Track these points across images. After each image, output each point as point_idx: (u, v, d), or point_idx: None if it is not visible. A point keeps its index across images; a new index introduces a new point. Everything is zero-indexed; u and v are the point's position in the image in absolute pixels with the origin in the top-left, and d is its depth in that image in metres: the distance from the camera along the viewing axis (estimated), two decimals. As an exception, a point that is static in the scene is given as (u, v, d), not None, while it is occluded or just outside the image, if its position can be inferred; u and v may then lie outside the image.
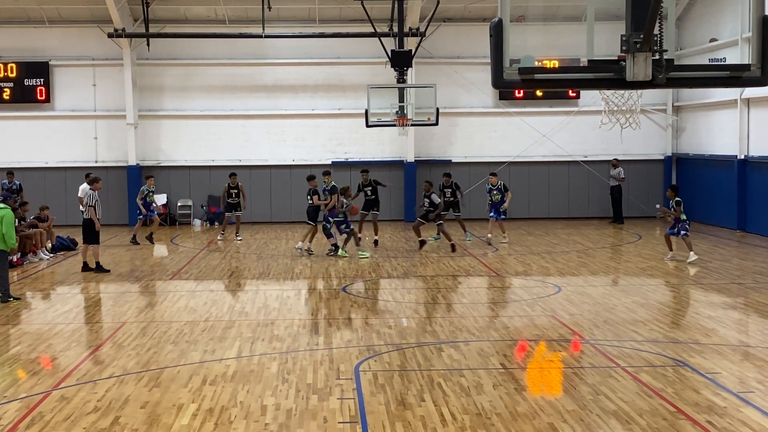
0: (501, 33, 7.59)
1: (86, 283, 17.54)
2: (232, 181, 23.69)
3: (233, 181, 23.69)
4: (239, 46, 28.03)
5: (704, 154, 27.09)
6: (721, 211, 25.55)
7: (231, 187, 23.66)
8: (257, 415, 8.87)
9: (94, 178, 19.22)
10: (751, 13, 7.93)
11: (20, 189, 25.03)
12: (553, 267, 18.72)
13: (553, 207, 28.77)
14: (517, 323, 13.30)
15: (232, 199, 23.65)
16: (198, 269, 19.12)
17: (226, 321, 13.54)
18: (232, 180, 23.71)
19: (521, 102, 28.63)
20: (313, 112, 28.61)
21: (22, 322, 13.95)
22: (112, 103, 28.14)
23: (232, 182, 23.67)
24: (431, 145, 28.71)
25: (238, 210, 23.77)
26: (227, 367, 10.78)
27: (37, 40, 27.92)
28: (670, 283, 16.77)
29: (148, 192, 23.56)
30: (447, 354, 11.31)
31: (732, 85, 8.99)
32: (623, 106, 12.04)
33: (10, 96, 27.63)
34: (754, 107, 24.12)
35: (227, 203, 23.71)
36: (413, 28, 26.51)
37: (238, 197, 23.70)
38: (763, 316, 13.67)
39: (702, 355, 11.07)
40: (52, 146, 28.06)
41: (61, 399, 9.48)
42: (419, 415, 8.81)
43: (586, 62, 8.22)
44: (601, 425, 8.48)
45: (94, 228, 18.32)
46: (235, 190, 23.67)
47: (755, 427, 8.36)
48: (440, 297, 15.57)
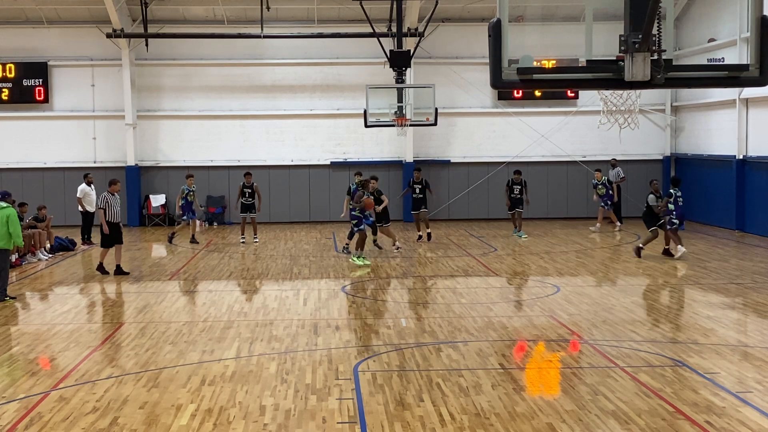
0: (500, 33, 7.60)
1: (85, 283, 17.54)
2: (247, 180, 22.92)
3: (248, 180, 22.92)
4: (238, 47, 28.04)
5: (703, 154, 27.10)
6: (720, 211, 25.57)
7: (246, 186, 22.92)
8: (256, 416, 8.87)
9: (112, 179, 18.96)
10: (749, 14, 7.94)
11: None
12: (552, 267, 18.72)
13: (551, 207, 28.77)
14: (515, 323, 13.31)
15: (246, 199, 22.92)
16: (197, 269, 19.12)
17: (224, 321, 13.54)
18: (247, 179, 22.93)
19: (520, 102, 28.65)
20: (312, 112, 28.61)
21: (20, 323, 13.94)
22: (111, 104, 28.14)
23: (247, 181, 22.90)
24: (430, 146, 28.72)
25: (253, 211, 23.04)
26: (226, 367, 10.77)
27: (36, 40, 27.91)
28: (668, 283, 16.78)
29: (188, 191, 23.11)
30: (446, 354, 11.31)
31: (730, 85, 9.01)
32: (622, 106, 12.01)
33: (9, 96, 27.63)
34: (753, 107, 24.13)
35: (242, 204, 23.05)
36: (412, 29, 26.52)
37: (253, 198, 22.93)
38: (762, 316, 13.68)
39: (701, 355, 11.07)
40: (50, 146, 28.05)
41: (59, 399, 9.48)
42: (418, 415, 8.81)
43: (585, 62, 8.23)
44: (600, 425, 8.48)
45: (103, 231, 18.03)
46: (250, 189, 22.90)
47: (754, 426, 8.37)
48: (439, 297, 15.56)
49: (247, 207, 23.04)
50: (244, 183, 23.07)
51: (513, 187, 23.84)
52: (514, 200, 23.88)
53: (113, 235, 18.11)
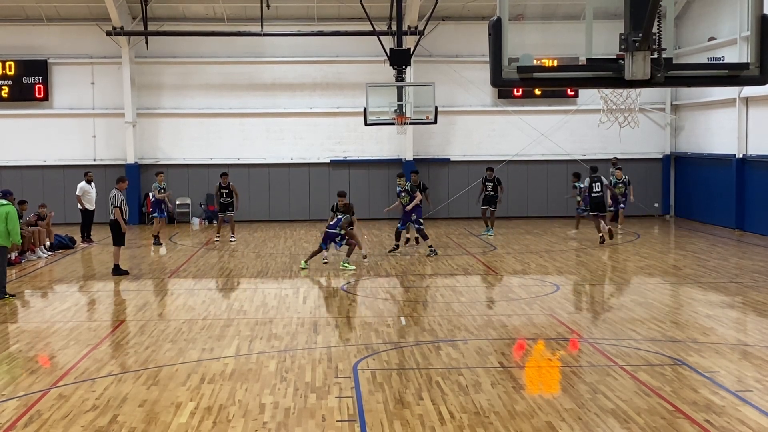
0: (500, 31, 7.58)
1: (84, 281, 17.53)
2: (223, 180, 23.22)
3: (224, 180, 23.22)
4: (238, 45, 28.03)
5: (703, 152, 27.10)
6: (720, 210, 25.56)
7: (222, 187, 23.22)
8: (255, 414, 8.87)
9: (120, 177, 18.94)
10: (749, 12, 7.93)
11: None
12: (552, 266, 18.72)
13: (551, 206, 28.75)
14: (515, 322, 13.31)
15: (224, 199, 23.20)
16: (196, 267, 19.11)
17: (224, 319, 13.54)
18: (223, 180, 23.25)
19: (520, 101, 28.64)
20: (312, 110, 28.60)
21: (20, 320, 13.94)
22: (111, 102, 28.13)
23: (223, 182, 23.21)
24: (430, 144, 28.71)
25: (230, 210, 23.26)
26: (225, 365, 10.77)
27: (36, 38, 27.90)
28: (668, 282, 16.78)
29: (159, 188, 23.30)
30: (445, 353, 11.31)
31: (730, 84, 9.02)
32: (622, 104, 11.99)
33: (9, 94, 27.62)
34: (753, 106, 24.12)
35: (220, 203, 23.34)
36: (412, 27, 26.51)
37: (230, 197, 23.17)
38: (762, 314, 13.68)
39: (700, 353, 11.07)
40: (50, 144, 28.04)
41: (59, 397, 9.47)
42: (417, 413, 8.81)
43: (585, 61, 8.22)
44: (599, 424, 8.48)
45: (119, 229, 17.97)
46: (226, 189, 23.16)
47: (753, 425, 8.37)
48: (438, 296, 15.56)
49: (224, 206, 23.25)
50: (220, 183, 23.32)
51: (486, 184, 23.81)
52: (487, 198, 23.81)
53: (122, 234, 18.12)
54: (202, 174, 28.35)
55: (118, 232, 18.02)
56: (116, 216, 17.98)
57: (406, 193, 20.41)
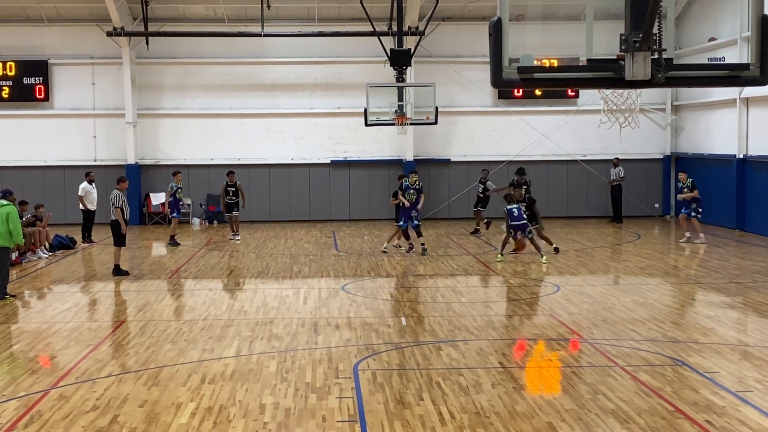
0: (500, 32, 7.58)
1: (85, 281, 17.54)
2: (230, 179, 23.38)
3: (231, 179, 23.38)
4: (238, 45, 28.04)
5: (703, 153, 27.10)
6: (720, 211, 25.55)
7: (229, 185, 23.35)
8: (256, 414, 8.87)
9: (120, 177, 18.96)
10: (750, 13, 7.93)
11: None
12: (552, 266, 18.71)
13: (552, 206, 28.73)
14: (515, 322, 13.30)
15: (230, 198, 23.35)
16: (197, 268, 19.12)
17: (224, 320, 13.54)
18: (230, 178, 23.40)
19: (520, 101, 28.63)
20: (312, 111, 28.60)
21: (20, 321, 13.94)
22: (111, 102, 28.14)
23: (230, 180, 23.37)
24: (430, 144, 28.71)
25: (236, 209, 23.45)
26: (226, 365, 10.77)
27: (36, 38, 27.91)
28: (668, 283, 16.78)
29: (176, 188, 23.20)
30: (446, 353, 11.31)
31: (731, 85, 9.00)
32: (622, 105, 11.98)
33: (9, 94, 27.63)
34: (753, 106, 24.12)
35: (226, 203, 23.43)
36: (412, 27, 26.52)
37: (237, 196, 23.39)
38: (762, 315, 13.68)
39: (701, 354, 11.07)
40: (51, 145, 28.05)
41: (59, 398, 9.47)
42: (418, 414, 8.81)
43: (585, 61, 8.22)
44: (600, 424, 8.48)
45: (119, 230, 17.95)
46: (233, 188, 23.36)
47: (753, 426, 8.37)
48: (439, 296, 15.56)
49: (231, 205, 23.36)
50: (227, 182, 23.38)
51: (479, 185, 24.26)
52: (480, 199, 24.31)
53: (123, 234, 18.10)
54: (202, 174, 28.35)
55: (118, 233, 18.01)
56: (117, 216, 17.96)
57: (415, 191, 20.54)
